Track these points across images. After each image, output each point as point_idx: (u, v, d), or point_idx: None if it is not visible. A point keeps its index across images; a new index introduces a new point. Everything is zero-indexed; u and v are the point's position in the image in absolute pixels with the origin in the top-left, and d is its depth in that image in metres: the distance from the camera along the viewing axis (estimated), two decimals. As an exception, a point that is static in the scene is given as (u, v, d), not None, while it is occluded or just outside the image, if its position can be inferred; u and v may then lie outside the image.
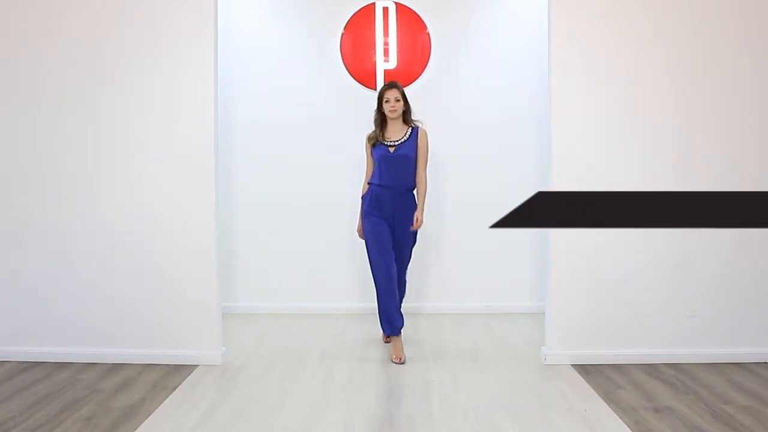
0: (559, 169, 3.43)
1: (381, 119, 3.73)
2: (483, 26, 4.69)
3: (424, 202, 3.73)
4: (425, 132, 3.75)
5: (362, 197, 3.77)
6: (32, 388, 3.13)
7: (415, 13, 4.67)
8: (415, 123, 3.75)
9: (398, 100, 3.67)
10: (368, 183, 3.75)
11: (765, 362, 3.49)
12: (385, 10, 4.68)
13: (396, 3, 4.66)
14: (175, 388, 3.14)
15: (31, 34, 3.49)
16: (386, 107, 3.68)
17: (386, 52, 4.67)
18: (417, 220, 3.69)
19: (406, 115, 3.72)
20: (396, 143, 3.69)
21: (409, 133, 3.72)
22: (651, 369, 3.39)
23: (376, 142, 3.71)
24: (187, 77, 3.46)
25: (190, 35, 3.45)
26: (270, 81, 4.72)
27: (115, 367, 3.44)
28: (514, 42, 4.67)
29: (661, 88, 3.46)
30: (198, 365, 3.47)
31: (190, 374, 3.34)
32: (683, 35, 3.45)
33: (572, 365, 3.46)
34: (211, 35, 3.45)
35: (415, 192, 3.76)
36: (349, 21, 4.67)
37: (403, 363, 3.51)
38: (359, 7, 4.66)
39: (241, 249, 4.77)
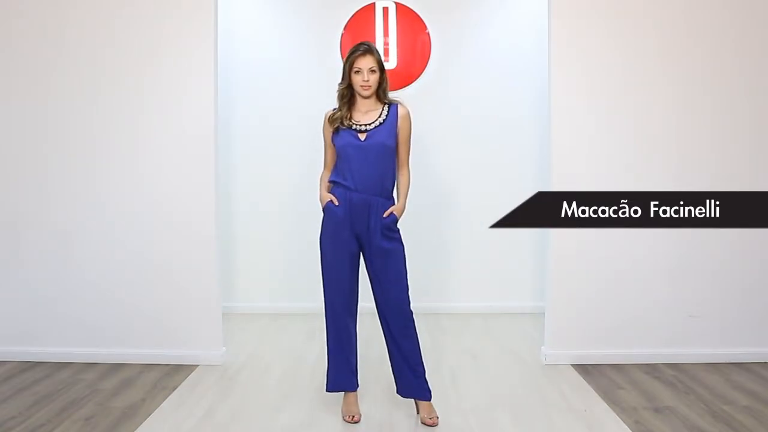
0: (559, 169, 3.43)
1: (349, 95, 2.73)
2: (483, 26, 4.68)
3: (405, 201, 2.78)
4: (407, 112, 2.74)
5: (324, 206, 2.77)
6: (32, 388, 3.13)
7: (415, 13, 4.66)
8: (393, 100, 2.76)
9: (373, 71, 2.66)
10: (330, 181, 2.79)
11: (765, 362, 3.49)
12: (385, 10, 4.67)
13: (396, 3, 4.66)
14: (175, 388, 3.14)
15: (33, 35, 3.48)
16: (357, 80, 2.67)
17: (386, 52, 4.66)
18: (391, 213, 2.70)
19: (380, 90, 2.72)
20: (368, 127, 2.69)
21: (385, 113, 2.71)
22: (651, 369, 3.39)
23: (340, 125, 2.72)
24: (187, 77, 3.46)
25: (190, 35, 3.45)
26: (270, 80, 4.71)
27: (115, 367, 3.44)
28: (514, 42, 4.66)
29: (661, 89, 3.46)
30: (198, 365, 3.47)
31: (190, 374, 3.34)
32: (683, 36, 3.45)
33: (572, 365, 3.45)
34: (211, 35, 3.45)
35: (395, 194, 2.79)
36: (349, 21, 4.67)
37: (356, 422, 2.75)
38: (359, 7, 4.65)
39: (241, 249, 4.76)
